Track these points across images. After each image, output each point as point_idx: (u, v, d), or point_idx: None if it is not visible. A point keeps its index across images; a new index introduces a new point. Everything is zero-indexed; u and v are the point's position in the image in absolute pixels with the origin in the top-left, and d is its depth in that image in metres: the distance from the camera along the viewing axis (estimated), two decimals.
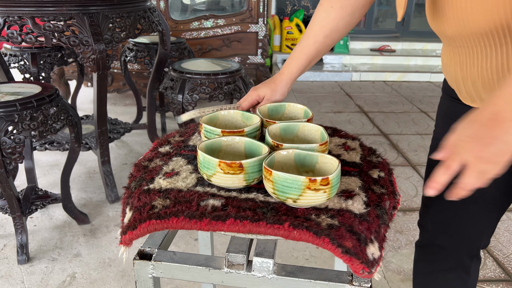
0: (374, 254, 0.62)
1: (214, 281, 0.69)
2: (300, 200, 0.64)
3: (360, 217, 0.66)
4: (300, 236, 0.60)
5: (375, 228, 0.66)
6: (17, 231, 1.60)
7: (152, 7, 1.99)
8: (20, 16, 1.57)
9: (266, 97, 0.94)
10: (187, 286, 1.51)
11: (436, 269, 0.96)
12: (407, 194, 2.13)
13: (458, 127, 0.58)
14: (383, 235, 0.67)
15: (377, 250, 0.63)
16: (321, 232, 0.60)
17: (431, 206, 0.94)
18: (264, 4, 3.15)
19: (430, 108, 3.48)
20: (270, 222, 0.62)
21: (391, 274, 1.59)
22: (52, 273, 1.56)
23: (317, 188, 0.63)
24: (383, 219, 0.68)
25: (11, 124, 1.39)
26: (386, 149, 2.65)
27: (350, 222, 0.64)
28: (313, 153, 0.72)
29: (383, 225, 0.68)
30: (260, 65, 3.30)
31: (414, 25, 5.09)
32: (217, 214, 0.64)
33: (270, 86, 0.94)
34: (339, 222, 0.63)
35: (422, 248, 1.00)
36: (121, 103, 3.42)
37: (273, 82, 0.95)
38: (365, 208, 0.68)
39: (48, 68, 2.30)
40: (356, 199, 0.70)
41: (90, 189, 2.13)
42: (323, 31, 0.89)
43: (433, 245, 0.95)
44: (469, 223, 0.87)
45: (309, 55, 0.91)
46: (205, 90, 1.90)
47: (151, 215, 0.66)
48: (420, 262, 1.01)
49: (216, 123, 0.88)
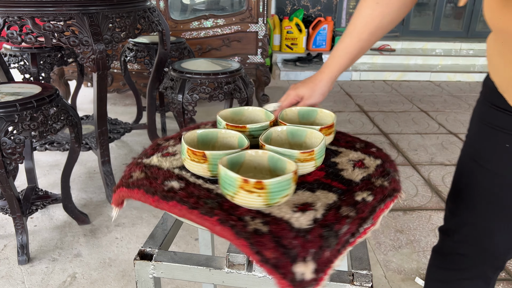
0: (304, 274, 0.55)
1: (215, 281, 0.69)
2: (236, 199, 0.62)
3: (297, 231, 0.59)
4: (222, 233, 0.60)
5: (314, 248, 0.58)
6: (18, 232, 1.60)
7: (152, 7, 1.98)
8: (20, 16, 1.56)
9: (305, 97, 0.91)
10: (187, 286, 1.51)
11: (455, 278, 0.92)
12: (407, 194, 2.13)
13: None
14: (328, 259, 0.58)
15: (309, 272, 0.56)
16: (243, 234, 0.58)
17: (458, 214, 0.89)
18: (264, 4, 3.15)
19: (430, 108, 3.48)
20: (202, 212, 0.62)
21: (391, 274, 1.59)
22: (52, 273, 1.56)
23: (251, 190, 0.60)
24: (328, 242, 0.59)
25: (11, 124, 1.39)
26: (386, 149, 2.65)
27: (281, 233, 0.59)
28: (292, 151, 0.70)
29: (328, 249, 0.59)
30: (260, 64, 3.30)
31: (414, 24, 5.08)
32: (166, 194, 0.67)
33: (309, 86, 0.91)
34: (269, 230, 0.59)
35: (442, 255, 0.95)
36: (121, 103, 3.42)
37: (313, 82, 0.92)
38: (309, 225, 0.61)
39: (48, 68, 2.30)
40: (307, 214, 0.63)
41: (91, 189, 2.13)
42: (368, 28, 0.85)
43: (456, 254, 0.91)
44: (499, 235, 0.83)
45: (351, 53, 0.88)
46: (205, 90, 1.90)
47: (124, 183, 0.73)
48: (438, 269, 0.96)
49: (241, 118, 0.89)
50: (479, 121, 0.83)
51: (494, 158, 0.80)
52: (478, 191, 0.84)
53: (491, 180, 0.81)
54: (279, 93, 3.80)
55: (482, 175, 0.82)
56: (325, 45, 4.70)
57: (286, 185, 0.61)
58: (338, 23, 4.95)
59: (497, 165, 0.79)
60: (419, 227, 1.87)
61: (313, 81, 0.91)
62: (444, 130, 3.00)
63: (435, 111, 3.40)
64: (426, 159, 2.54)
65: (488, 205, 0.82)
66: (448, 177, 2.31)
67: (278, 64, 4.49)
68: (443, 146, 2.74)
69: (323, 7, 4.83)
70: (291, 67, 4.36)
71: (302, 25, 4.55)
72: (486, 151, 0.81)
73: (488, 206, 0.82)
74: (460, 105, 3.58)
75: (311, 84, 0.91)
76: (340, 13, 4.92)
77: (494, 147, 0.79)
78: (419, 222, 1.91)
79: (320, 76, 0.91)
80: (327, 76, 0.90)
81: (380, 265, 1.63)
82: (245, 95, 1.97)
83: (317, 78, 0.91)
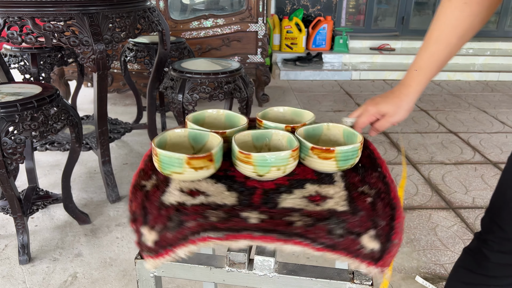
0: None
1: (216, 280, 0.69)
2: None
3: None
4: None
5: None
6: (18, 232, 1.60)
7: (152, 7, 1.99)
8: (20, 16, 1.57)
9: (388, 114, 0.82)
10: (188, 285, 1.51)
11: (483, 283, 0.90)
12: (407, 193, 2.14)
13: None
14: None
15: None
16: None
17: (502, 228, 0.85)
18: (264, 3, 3.15)
19: (430, 107, 3.48)
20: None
21: (392, 273, 1.59)
22: (53, 273, 1.56)
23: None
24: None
25: (11, 124, 1.39)
26: (387, 148, 2.66)
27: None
28: None
29: None
30: (259, 64, 3.30)
31: (414, 23, 5.08)
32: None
33: (394, 102, 0.82)
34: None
35: (475, 259, 0.92)
36: (121, 103, 3.42)
37: (397, 97, 0.82)
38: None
39: (48, 69, 2.30)
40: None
41: (91, 189, 2.14)
42: (457, 32, 0.76)
43: (491, 262, 0.88)
44: None
45: (440, 61, 0.79)
46: (205, 90, 1.90)
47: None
48: (468, 271, 0.93)
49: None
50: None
51: None
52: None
53: None
54: (279, 92, 3.81)
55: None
56: (324, 45, 4.71)
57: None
58: (338, 23, 4.95)
59: None
60: (419, 226, 1.88)
61: (398, 96, 0.82)
62: (444, 129, 3.00)
63: (435, 110, 3.40)
64: (426, 158, 2.54)
65: None
66: (448, 176, 2.31)
67: (278, 63, 4.49)
68: (443, 145, 2.74)
69: (322, 7, 4.83)
70: (291, 67, 4.36)
71: (302, 25, 4.56)
72: None
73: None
74: (460, 104, 3.58)
75: (396, 99, 0.82)
76: (340, 12, 4.92)
77: None
78: (419, 221, 1.91)
79: (406, 90, 0.82)
80: (414, 89, 0.81)
81: None
82: (245, 94, 1.97)
83: (402, 93, 0.82)
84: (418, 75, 0.81)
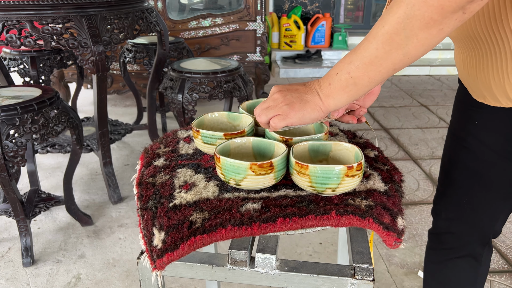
0: (401, 224, 0.66)
1: (218, 278, 0.69)
2: (339, 189, 0.66)
3: (386, 193, 0.70)
4: (349, 222, 0.62)
5: (398, 201, 0.70)
6: (21, 234, 1.61)
7: (150, 8, 1.99)
8: (19, 20, 1.57)
9: None
10: (192, 285, 1.52)
11: (447, 257, 0.97)
12: (408, 188, 2.14)
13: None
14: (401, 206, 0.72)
15: (402, 221, 0.67)
16: (365, 214, 0.63)
17: (445, 193, 0.95)
18: (262, 2, 3.15)
19: (430, 102, 3.48)
20: (318, 214, 0.63)
21: (394, 268, 1.59)
22: (57, 275, 1.57)
23: (354, 174, 0.66)
24: (400, 192, 0.74)
25: (12, 127, 1.40)
26: (387, 144, 2.66)
27: (381, 200, 0.68)
28: (326, 142, 0.74)
29: (400, 197, 0.73)
30: (259, 62, 3.30)
31: None
32: (265, 216, 0.63)
33: None
34: (374, 201, 0.67)
35: (435, 235, 1.01)
36: (121, 104, 3.42)
37: None
38: (385, 185, 0.72)
39: (47, 71, 2.31)
40: (373, 178, 0.74)
41: (93, 191, 2.14)
42: None
43: (446, 232, 0.96)
44: (482, 210, 0.88)
45: None
46: (204, 89, 1.90)
47: (195, 230, 0.62)
48: (432, 250, 1.02)
49: (203, 127, 0.85)
50: (456, 99, 0.91)
51: (469, 136, 0.85)
52: (460, 169, 0.89)
53: (470, 157, 0.86)
54: None
55: (462, 153, 0.87)
56: (323, 42, 4.70)
57: None
58: (337, 20, 4.95)
59: (471, 142, 0.84)
60: (421, 221, 1.88)
61: None
62: (445, 124, 3.00)
63: (435, 105, 3.40)
64: (427, 153, 2.54)
65: (470, 182, 0.87)
66: None
67: (277, 61, 4.49)
68: (444, 140, 2.74)
69: (321, 4, 4.83)
70: (290, 65, 4.36)
71: (301, 22, 4.55)
72: (463, 129, 0.87)
73: (469, 182, 0.87)
74: None
75: None
76: (338, 9, 4.91)
77: (467, 125, 0.85)
78: (421, 216, 1.91)
79: None
80: None
81: (383, 260, 1.64)
82: (245, 93, 1.97)
83: None
84: None
